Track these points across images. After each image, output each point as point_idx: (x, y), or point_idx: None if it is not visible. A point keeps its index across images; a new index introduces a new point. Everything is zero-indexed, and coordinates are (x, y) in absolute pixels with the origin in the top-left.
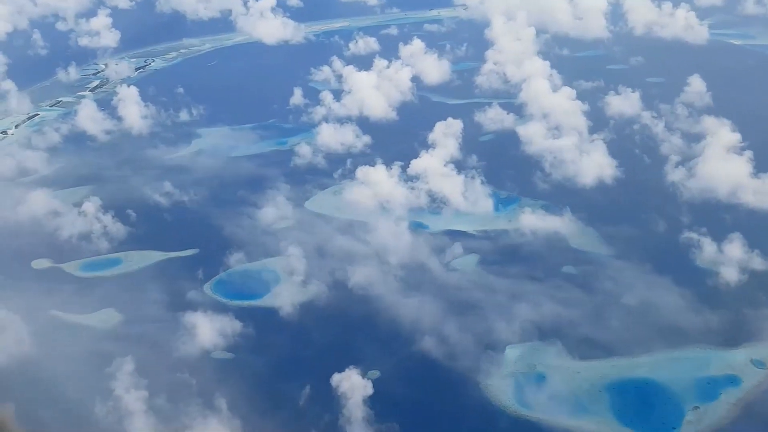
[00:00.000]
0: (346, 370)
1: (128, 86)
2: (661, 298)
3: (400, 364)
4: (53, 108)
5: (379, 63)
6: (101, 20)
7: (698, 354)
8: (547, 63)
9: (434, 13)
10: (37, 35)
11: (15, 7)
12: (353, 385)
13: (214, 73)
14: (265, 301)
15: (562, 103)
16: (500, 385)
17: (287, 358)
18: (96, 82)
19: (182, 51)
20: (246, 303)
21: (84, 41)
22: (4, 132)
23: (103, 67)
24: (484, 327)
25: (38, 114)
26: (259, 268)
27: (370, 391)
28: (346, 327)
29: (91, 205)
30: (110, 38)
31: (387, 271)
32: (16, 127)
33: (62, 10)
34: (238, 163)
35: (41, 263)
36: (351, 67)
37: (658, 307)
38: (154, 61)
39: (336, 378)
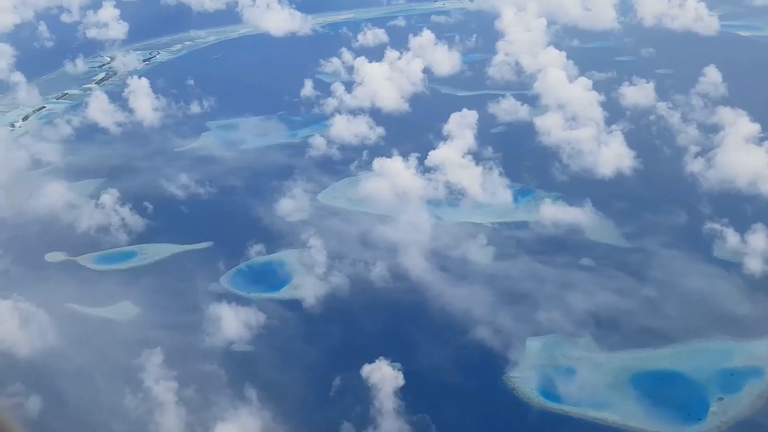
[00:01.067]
0: (376, 361)
1: (139, 78)
2: (684, 290)
3: (427, 355)
4: (60, 101)
5: (391, 54)
6: (108, 12)
7: (722, 345)
8: (563, 53)
9: (440, 4)
10: (42, 27)
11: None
12: (384, 375)
13: (223, 65)
14: (285, 294)
15: (578, 94)
16: (523, 377)
17: (315, 350)
18: (102, 75)
19: (187, 43)
20: (264, 295)
21: (90, 33)
22: (12, 125)
23: (108, 59)
24: (506, 318)
25: (45, 107)
26: (276, 261)
27: (401, 382)
28: (370, 318)
29: (108, 197)
30: (117, 30)
31: (408, 262)
32: (24, 119)
33: (67, 1)
34: (250, 155)
35: (56, 256)
36: (363, 58)
37: (680, 299)
38: (159, 53)
39: (366, 369)
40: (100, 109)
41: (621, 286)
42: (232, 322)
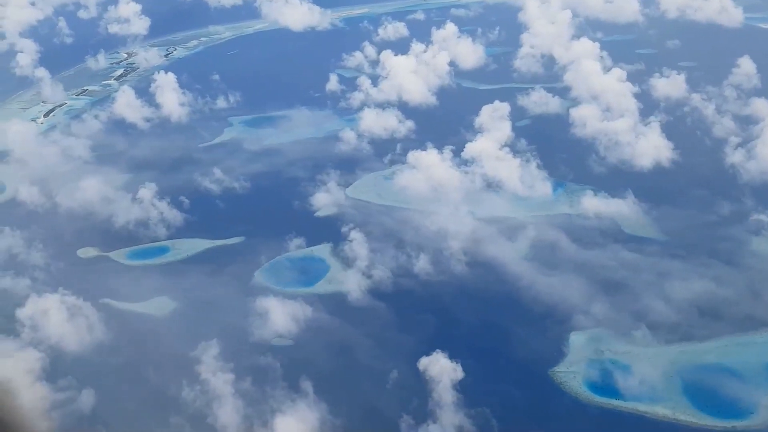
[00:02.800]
0: (433, 354)
1: (163, 73)
2: (729, 282)
3: (482, 348)
4: (80, 97)
5: (417, 47)
6: (129, 7)
7: None
8: (597, 44)
9: None
10: (62, 23)
11: None
12: (442, 368)
13: (243, 60)
14: (321, 288)
15: (613, 85)
16: (570, 372)
17: (366, 343)
18: (120, 71)
19: (203, 39)
20: (300, 290)
21: (109, 29)
22: (33, 121)
23: (126, 55)
24: (550, 313)
25: (65, 103)
26: (310, 255)
27: (460, 374)
28: (417, 311)
29: (147, 192)
30: (138, 26)
31: (450, 256)
32: (45, 115)
33: None
34: (277, 150)
35: (87, 252)
36: (389, 51)
37: (725, 292)
38: (176, 49)
39: (423, 361)
40: (127, 105)
41: (662, 281)
42: (280, 316)
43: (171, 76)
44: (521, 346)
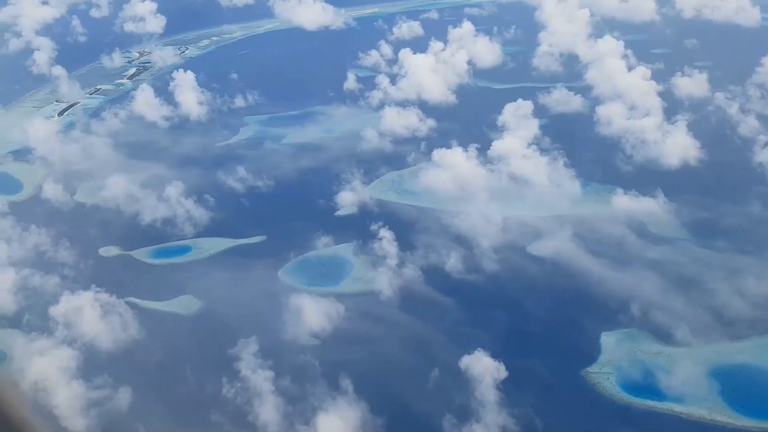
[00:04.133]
0: (475, 352)
1: (184, 71)
2: (762, 281)
3: (524, 347)
4: (93, 96)
5: (435, 45)
6: (144, 6)
7: None
8: (621, 42)
9: None
10: (76, 22)
11: None
12: (485, 367)
13: (258, 59)
14: (351, 287)
15: (637, 84)
16: (602, 373)
17: (403, 341)
18: (133, 70)
19: (214, 38)
20: (325, 289)
21: (124, 28)
22: (48, 119)
23: (137, 55)
24: (579, 313)
25: (79, 102)
26: (335, 254)
27: (503, 374)
28: (452, 310)
29: (174, 190)
30: (155, 24)
31: (480, 254)
32: (59, 114)
33: None
34: (295, 149)
35: (109, 250)
36: (407, 50)
37: (756, 291)
38: (188, 48)
39: (465, 360)
40: (146, 103)
41: (692, 281)
42: (313, 314)
43: (190, 74)
44: (560, 344)
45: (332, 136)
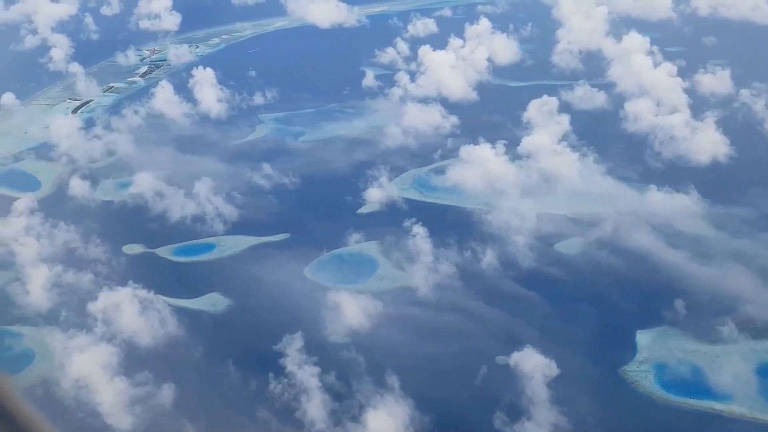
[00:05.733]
0: (524, 349)
1: (204, 69)
2: None
3: (568, 344)
4: (106, 94)
5: (455, 42)
6: (161, 3)
7: None
8: (647, 39)
9: None
10: (88, 19)
11: None
12: (536, 365)
13: (274, 57)
14: (378, 285)
15: (663, 80)
16: (639, 372)
17: (446, 337)
18: (144, 68)
19: (224, 36)
20: (353, 286)
21: (137, 25)
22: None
23: (147, 53)
24: (614, 311)
25: (92, 100)
26: (360, 252)
27: (555, 371)
28: (492, 307)
29: (203, 186)
30: (170, 21)
31: (515, 250)
32: (73, 112)
33: None
34: (315, 146)
35: (133, 248)
36: (427, 47)
37: None
38: (198, 47)
39: (515, 357)
40: (165, 100)
41: (726, 279)
42: (351, 310)
43: (209, 71)
44: (597, 342)
45: (353, 133)
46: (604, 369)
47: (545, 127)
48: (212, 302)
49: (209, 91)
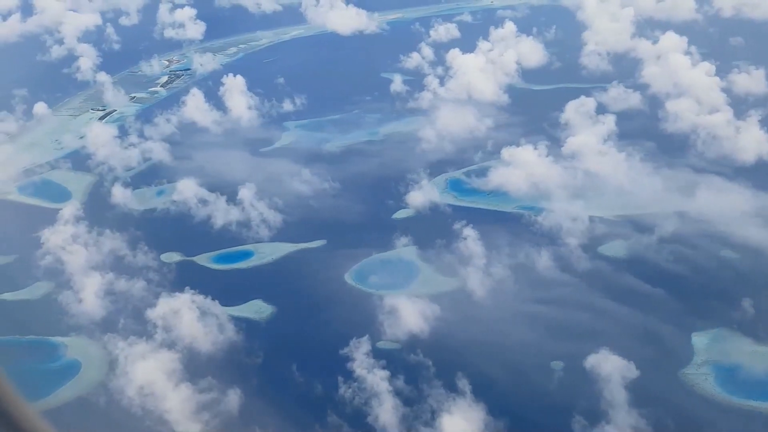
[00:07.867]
0: (601, 351)
1: (234, 76)
2: None
3: (638, 346)
4: (129, 103)
5: (483, 45)
6: (184, 12)
7: None
8: (685, 38)
9: (487, 2)
10: (110, 30)
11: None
12: (613, 367)
13: (298, 65)
14: (420, 289)
15: (701, 80)
16: (699, 374)
17: (512, 341)
18: (165, 78)
19: (241, 46)
20: (395, 291)
21: (160, 35)
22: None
23: (166, 63)
24: (670, 314)
25: (115, 110)
26: (399, 257)
27: (635, 373)
28: (549, 310)
29: (247, 193)
30: (195, 30)
31: (569, 252)
32: (99, 120)
33: (125, 5)
34: (343, 152)
35: (171, 256)
36: (456, 50)
37: None
38: (216, 56)
39: (591, 359)
40: (196, 108)
41: None
42: (410, 314)
43: (240, 79)
44: (652, 347)
45: (385, 138)
46: (665, 372)
47: (586, 127)
48: (256, 309)
49: (240, 99)
